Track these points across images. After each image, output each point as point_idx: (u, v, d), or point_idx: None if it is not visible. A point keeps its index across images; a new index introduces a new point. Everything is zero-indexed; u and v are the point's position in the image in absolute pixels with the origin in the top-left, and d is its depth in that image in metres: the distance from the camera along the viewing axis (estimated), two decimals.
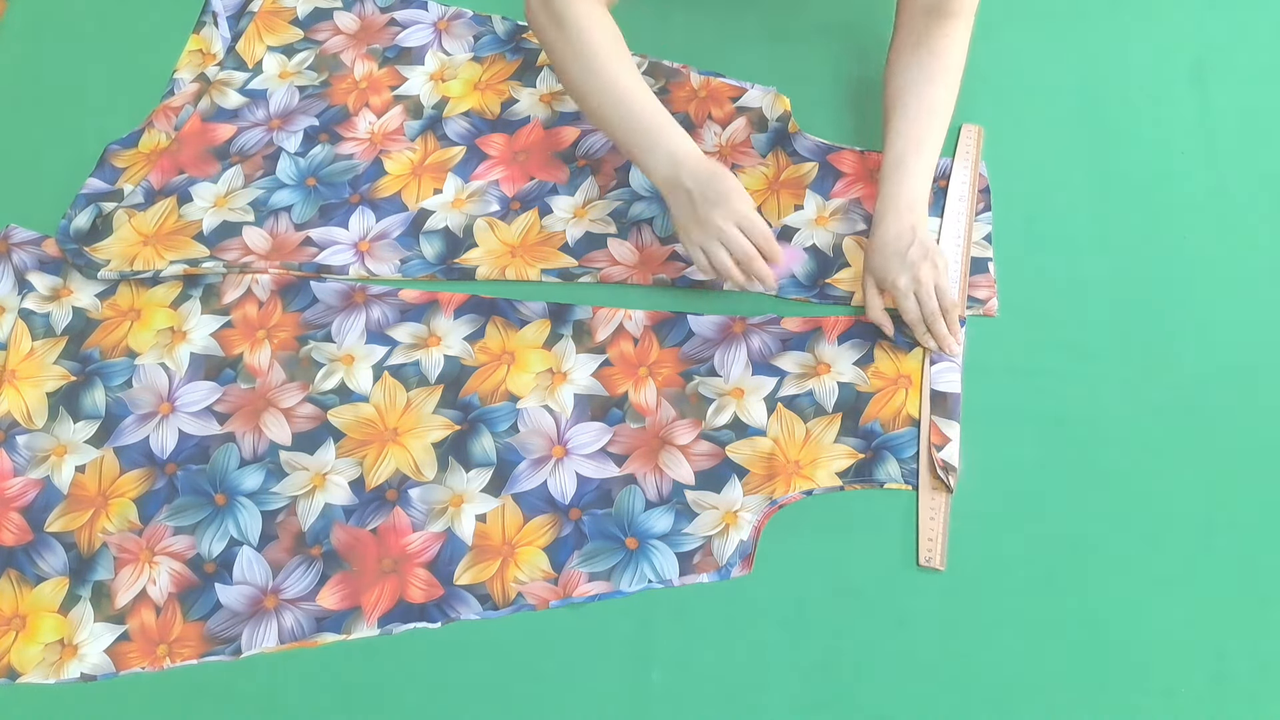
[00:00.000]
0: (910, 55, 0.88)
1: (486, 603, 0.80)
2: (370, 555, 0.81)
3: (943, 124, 0.87)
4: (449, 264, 0.93)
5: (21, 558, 0.82)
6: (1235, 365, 0.87)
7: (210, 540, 0.82)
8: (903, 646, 0.77)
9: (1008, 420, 0.85)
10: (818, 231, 0.94)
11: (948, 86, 0.88)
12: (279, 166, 0.99)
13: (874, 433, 0.85)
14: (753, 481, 0.83)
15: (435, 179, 0.98)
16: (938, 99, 0.87)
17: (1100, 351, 0.88)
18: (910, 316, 0.85)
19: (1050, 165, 0.97)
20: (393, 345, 0.90)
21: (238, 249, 0.94)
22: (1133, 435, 0.85)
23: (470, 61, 1.06)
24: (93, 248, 0.93)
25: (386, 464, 0.85)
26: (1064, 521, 0.81)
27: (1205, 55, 1.04)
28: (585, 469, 0.84)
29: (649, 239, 0.94)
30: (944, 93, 0.87)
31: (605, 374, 0.88)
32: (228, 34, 1.07)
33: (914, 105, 0.86)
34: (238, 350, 0.90)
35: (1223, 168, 0.97)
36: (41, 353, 0.90)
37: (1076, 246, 0.93)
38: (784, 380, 0.87)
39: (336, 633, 0.79)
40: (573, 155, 0.99)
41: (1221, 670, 0.76)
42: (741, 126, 1.00)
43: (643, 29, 1.07)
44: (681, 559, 0.81)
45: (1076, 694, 0.76)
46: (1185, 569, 0.80)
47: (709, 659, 0.77)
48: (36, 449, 0.86)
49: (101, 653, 0.79)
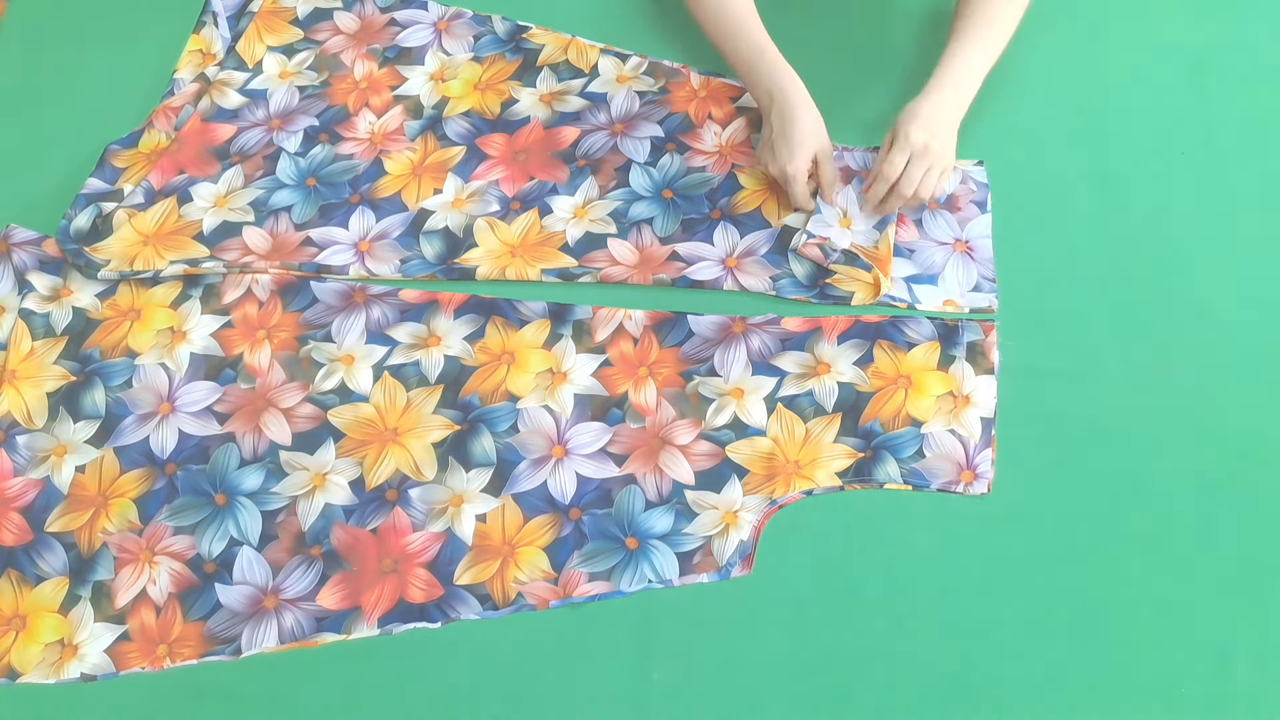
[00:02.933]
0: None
1: (486, 603, 0.80)
2: (370, 555, 0.81)
3: (1001, 36, 0.91)
4: (449, 264, 0.93)
5: (21, 558, 0.82)
6: (1235, 365, 0.87)
7: (210, 540, 0.82)
8: (903, 646, 0.77)
9: (1007, 420, 0.85)
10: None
11: (1011, 5, 0.91)
12: (279, 166, 0.99)
13: (873, 432, 0.85)
14: (753, 481, 0.83)
15: (435, 179, 0.98)
16: (998, 15, 0.91)
17: (1100, 351, 0.88)
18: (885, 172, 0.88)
19: (1050, 166, 0.98)
20: (393, 345, 0.90)
21: (238, 249, 0.94)
22: (1133, 435, 0.85)
23: (470, 61, 1.06)
24: (93, 248, 0.93)
25: (386, 464, 0.85)
26: (1064, 521, 0.82)
27: (1205, 55, 1.04)
28: (585, 469, 0.84)
29: (649, 239, 0.94)
30: (1005, 10, 0.91)
31: (605, 374, 0.88)
32: (228, 34, 1.07)
33: (975, 17, 0.91)
34: (238, 350, 0.90)
35: (1223, 168, 0.97)
36: (41, 353, 0.90)
37: (1076, 246, 0.93)
38: (784, 380, 0.87)
39: (336, 633, 0.79)
40: (573, 155, 0.99)
41: (1222, 669, 0.76)
42: (741, 126, 1.00)
43: (643, 29, 1.07)
44: (681, 559, 0.81)
45: (1076, 694, 0.76)
46: (1185, 569, 0.80)
47: (709, 659, 0.78)
48: (36, 449, 0.86)
49: (101, 653, 0.79)
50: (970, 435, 0.84)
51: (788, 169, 0.90)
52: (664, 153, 0.99)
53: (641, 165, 0.98)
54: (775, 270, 0.92)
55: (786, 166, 0.90)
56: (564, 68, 1.05)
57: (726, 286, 0.92)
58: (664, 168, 0.98)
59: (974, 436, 0.84)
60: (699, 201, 0.96)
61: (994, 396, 0.86)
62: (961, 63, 0.89)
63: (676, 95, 1.02)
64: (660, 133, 1.00)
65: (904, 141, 0.87)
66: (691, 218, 0.95)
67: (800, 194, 0.92)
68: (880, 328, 0.89)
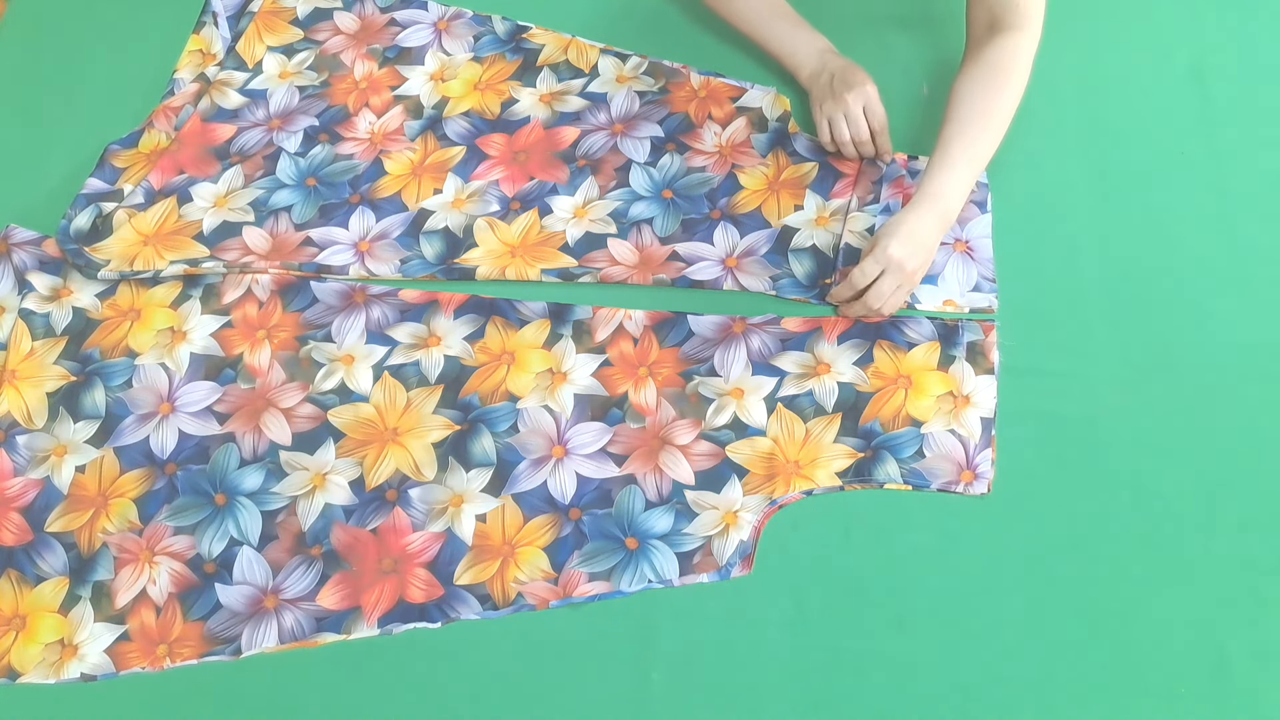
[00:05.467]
0: (972, 66, 0.90)
1: (486, 603, 0.80)
2: (370, 555, 0.81)
3: (994, 130, 0.88)
4: (449, 264, 0.93)
5: (21, 558, 0.82)
6: (1235, 365, 0.87)
7: (210, 540, 0.82)
8: (903, 646, 0.77)
9: (1007, 420, 0.85)
10: (817, 232, 0.94)
11: (1005, 97, 0.88)
12: (279, 166, 0.99)
13: (873, 432, 0.85)
14: (753, 481, 0.83)
15: (435, 179, 0.98)
16: (992, 107, 0.88)
17: (1100, 351, 0.88)
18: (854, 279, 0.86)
19: (1050, 165, 0.98)
20: (393, 345, 0.90)
21: (238, 249, 0.94)
22: (1132, 435, 0.85)
23: (470, 61, 1.06)
24: (93, 248, 0.93)
25: (386, 464, 0.85)
26: (1064, 521, 0.81)
27: (1205, 55, 1.04)
28: (585, 469, 0.84)
29: (649, 239, 0.94)
30: (998, 103, 0.88)
31: (605, 374, 0.88)
32: (228, 34, 1.07)
33: (967, 111, 0.88)
34: (238, 350, 0.90)
35: (1223, 168, 0.97)
36: (41, 353, 0.90)
37: (1076, 246, 0.93)
38: (784, 380, 0.87)
39: (336, 633, 0.79)
40: (573, 155, 0.99)
41: (1222, 669, 0.76)
42: (741, 126, 1.00)
43: (643, 29, 1.07)
44: (681, 559, 0.81)
45: (1076, 694, 0.76)
46: (1185, 569, 0.80)
47: (709, 659, 0.77)
48: (36, 449, 0.86)
49: (101, 653, 0.79)
50: (970, 435, 0.84)
51: (852, 109, 0.94)
52: (664, 153, 0.99)
53: (641, 165, 0.98)
54: (775, 270, 0.92)
55: (851, 107, 0.94)
56: (564, 68, 1.05)
57: (726, 286, 0.92)
58: (664, 168, 0.98)
59: (974, 436, 0.84)
60: (699, 201, 0.96)
61: (994, 396, 0.86)
62: (951, 174, 0.86)
63: (676, 95, 1.02)
64: (660, 133, 1.00)
65: (881, 254, 0.84)
66: (691, 218, 0.95)
67: (857, 123, 0.94)
68: (880, 328, 0.89)
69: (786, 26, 0.99)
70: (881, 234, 0.85)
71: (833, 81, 0.95)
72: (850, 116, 0.94)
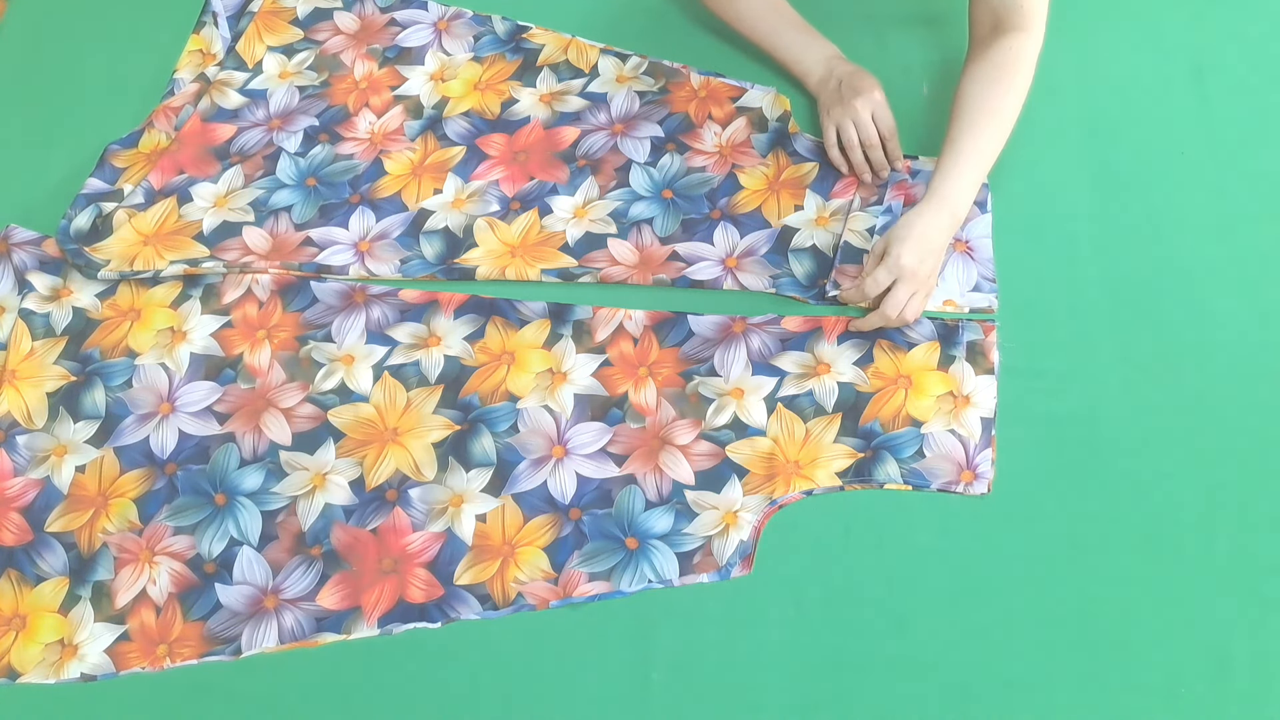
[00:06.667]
0: (977, 67, 0.90)
1: (486, 603, 0.80)
2: (370, 555, 0.81)
3: (1000, 130, 0.88)
4: (449, 264, 0.93)
5: (21, 558, 0.82)
6: (1235, 365, 0.87)
7: (210, 540, 0.82)
8: (903, 646, 0.77)
9: (1007, 420, 0.85)
10: (818, 232, 0.94)
11: (1010, 97, 0.88)
12: (279, 166, 0.99)
13: (873, 433, 0.85)
14: (753, 481, 0.83)
15: (435, 179, 0.98)
16: (998, 108, 0.88)
17: (1100, 351, 0.88)
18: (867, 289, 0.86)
19: (1050, 165, 0.98)
20: (393, 345, 0.90)
21: (238, 249, 0.94)
22: (1132, 435, 0.84)
23: (470, 61, 1.06)
24: (93, 248, 0.93)
25: (386, 464, 0.85)
26: (1064, 521, 0.81)
27: (1205, 55, 1.04)
28: (585, 469, 0.84)
29: (649, 239, 0.94)
30: (1004, 103, 0.88)
31: (605, 374, 0.88)
32: (228, 34, 1.07)
33: (974, 111, 0.88)
34: (238, 350, 0.90)
35: (1223, 168, 0.97)
36: (41, 353, 0.90)
37: (1076, 246, 0.93)
38: (784, 380, 0.87)
39: (336, 633, 0.79)
40: (573, 155, 0.99)
41: (1222, 669, 0.76)
42: (741, 126, 1.00)
43: (643, 29, 1.07)
44: (681, 559, 0.81)
45: (1076, 694, 0.76)
46: (1185, 569, 0.80)
47: (709, 659, 0.77)
48: (36, 449, 0.86)
49: (101, 653, 0.79)
50: (970, 435, 0.84)
51: (861, 115, 0.94)
52: (664, 153, 0.99)
53: (641, 165, 0.98)
54: (775, 270, 0.92)
55: (860, 113, 0.94)
56: (564, 68, 1.05)
57: (726, 286, 0.92)
58: (664, 168, 0.98)
59: (974, 436, 0.84)
60: (699, 201, 0.96)
61: (994, 396, 0.86)
62: (960, 176, 0.86)
63: (676, 95, 1.02)
64: (660, 133, 1.00)
65: (894, 263, 0.84)
66: (691, 218, 0.95)
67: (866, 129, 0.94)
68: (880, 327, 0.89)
69: (794, 34, 1.00)
70: (892, 240, 0.85)
71: (841, 87, 0.96)
72: (859, 122, 0.94)
